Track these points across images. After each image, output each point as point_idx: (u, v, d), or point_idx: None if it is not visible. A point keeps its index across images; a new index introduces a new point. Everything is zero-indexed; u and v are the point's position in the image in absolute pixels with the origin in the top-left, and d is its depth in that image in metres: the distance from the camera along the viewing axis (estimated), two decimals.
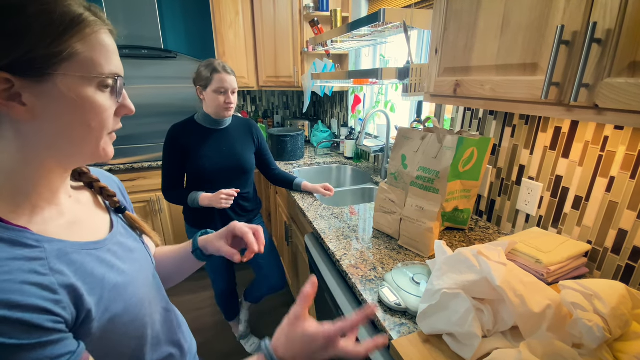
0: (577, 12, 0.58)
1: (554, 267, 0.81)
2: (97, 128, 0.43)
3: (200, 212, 1.47)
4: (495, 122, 1.18)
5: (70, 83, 0.39)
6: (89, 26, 0.40)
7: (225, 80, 1.34)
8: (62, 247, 0.42)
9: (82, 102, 0.40)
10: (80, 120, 0.41)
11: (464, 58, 0.85)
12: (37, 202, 0.43)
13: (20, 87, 0.37)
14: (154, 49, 2.12)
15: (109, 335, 0.45)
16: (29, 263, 0.38)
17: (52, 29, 0.37)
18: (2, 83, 0.36)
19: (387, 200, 1.15)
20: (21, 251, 0.38)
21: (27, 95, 0.37)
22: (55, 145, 0.42)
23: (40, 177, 0.43)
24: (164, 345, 0.57)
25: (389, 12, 1.19)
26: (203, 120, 1.43)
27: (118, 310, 0.45)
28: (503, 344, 0.61)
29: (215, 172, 1.42)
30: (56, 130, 0.40)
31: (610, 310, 0.55)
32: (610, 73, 0.54)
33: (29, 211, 0.42)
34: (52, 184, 0.45)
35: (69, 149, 0.43)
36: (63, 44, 0.38)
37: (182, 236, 2.40)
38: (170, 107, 2.21)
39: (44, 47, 0.37)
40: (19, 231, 0.39)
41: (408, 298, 0.78)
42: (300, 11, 2.13)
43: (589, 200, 0.90)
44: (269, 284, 1.69)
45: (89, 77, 0.40)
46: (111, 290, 0.45)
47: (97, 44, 0.41)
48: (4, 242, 0.37)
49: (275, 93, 2.99)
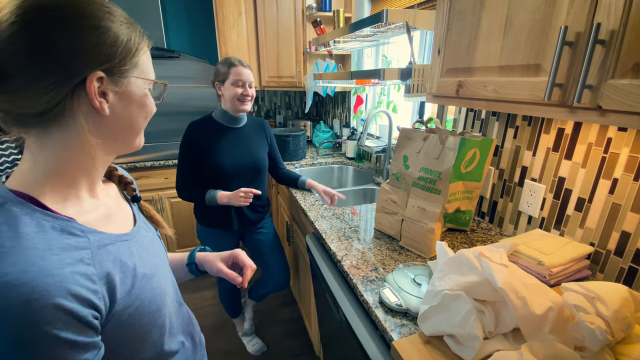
0: (581, 12, 0.57)
1: (556, 269, 0.80)
2: (145, 122, 0.52)
3: (216, 211, 1.48)
4: (497, 123, 1.18)
5: (137, 85, 0.48)
6: (145, 41, 0.49)
7: (242, 72, 1.37)
8: (101, 238, 0.45)
9: (143, 101, 0.49)
10: (140, 115, 0.50)
11: (467, 59, 0.85)
12: (81, 193, 0.47)
13: (107, 86, 0.44)
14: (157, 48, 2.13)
15: (136, 324, 0.47)
16: (77, 252, 0.40)
17: (134, 43, 0.46)
18: (98, 81, 0.42)
19: (388, 200, 1.15)
20: (69, 240, 0.41)
21: (111, 93, 0.45)
22: (116, 136, 0.48)
23: (88, 167, 0.47)
24: (179, 335, 0.59)
25: (391, 12, 1.19)
26: (221, 117, 1.44)
27: (146, 300, 0.48)
28: (504, 346, 0.61)
29: (233, 170, 1.43)
30: (122, 124, 0.48)
31: (612, 312, 0.55)
32: (614, 74, 0.54)
33: (75, 203, 0.45)
34: (96, 175, 0.49)
35: (124, 140, 0.50)
36: (137, 55, 0.47)
37: (184, 236, 2.41)
38: (173, 107, 2.22)
39: (131, 56, 0.46)
40: (67, 221, 0.42)
41: (409, 299, 0.78)
42: (303, 11, 2.13)
43: (592, 202, 0.89)
44: (274, 282, 1.69)
45: (147, 81, 0.49)
46: (141, 280, 0.48)
47: (148, 56, 0.50)
48: (55, 230, 0.40)
49: (278, 93, 2.99)
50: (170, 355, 0.56)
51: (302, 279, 1.75)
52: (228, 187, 1.42)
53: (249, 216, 1.54)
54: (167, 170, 2.25)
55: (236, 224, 1.52)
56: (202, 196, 1.40)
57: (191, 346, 0.63)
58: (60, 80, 0.40)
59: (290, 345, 1.87)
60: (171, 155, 2.27)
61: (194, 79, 2.22)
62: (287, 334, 1.94)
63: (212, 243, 1.57)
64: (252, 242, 1.65)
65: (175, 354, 0.57)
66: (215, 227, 1.53)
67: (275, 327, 1.99)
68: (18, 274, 0.34)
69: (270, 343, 1.87)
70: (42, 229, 0.39)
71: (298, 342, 1.88)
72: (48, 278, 0.35)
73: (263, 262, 1.68)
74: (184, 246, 2.44)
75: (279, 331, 1.96)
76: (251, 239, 1.64)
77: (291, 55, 2.28)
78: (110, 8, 0.44)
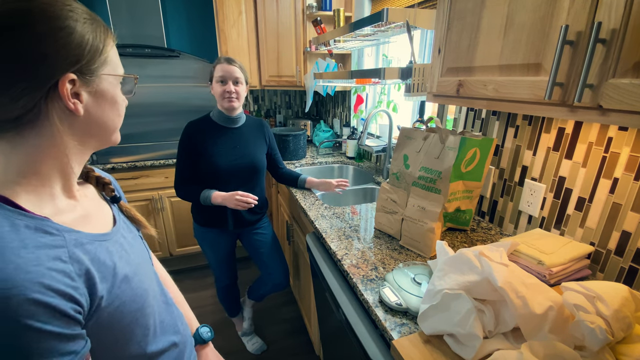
0: (582, 12, 0.57)
1: (556, 268, 0.80)
2: (121, 117, 0.52)
3: (212, 212, 1.47)
4: (498, 123, 1.17)
5: (108, 83, 0.48)
6: (110, 35, 0.48)
7: (224, 69, 1.35)
8: (78, 237, 0.45)
9: (114, 98, 0.49)
10: (113, 112, 0.50)
11: (467, 58, 0.85)
12: (56, 193, 0.46)
13: (80, 87, 0.44)
14: (157, 48, 2.12)
15: (118, 324, 0.47)
16: (52, 250, 0.40)
17: (101, 38, 0.46)
18: (70, 83, 0.42)
19: (388, 200, 1.15)
20: (44, 239, 0.40)
21: (84, 94, 0.45)
22: (91, 134, 0.48)
23: (63, 167, 0.46)
24: (166, 335, 0.59)
25: (392, 11, 1.19)
26: (217, 117, 1.44)
27: (126, 299, 0.48)
28: (504, 345, 0.61)
29: (229, 170, 1.42)
30: (97, 122, 0.48)
31: (612, 312, 0.55)
32: (614, 73, 0.53)
33: (50, 203, 0.45)
34: (71, 174, 0.48)
35: (100, 137, 0.50)
36: (105, 52, 0.46)
37: (184, 235, 2.41)
38: (173, 106, 2.22)
39: (99, 54, 0.45)
40: (41, 220, 0.41)
41: (409, 298, 0.78)
42: (303, 11, 2.13)
43: (592, 202, 0.89)
44: (273, 282, 1.69)
45: (117, 77, 0.49)
46: (121, 279, 0.48)
47: (115, 50, 0.50)
48: (30, 229, 0.40)
49: (278, 92, 2.99)
50: (157, 355, 0.55)
51: (302, 278, 1.75)
52: (224, 188, 1.42)
53: (245, 217, 1.53)
54: (167, 170, 2.25)
55: (232, 224, 1.52)
56: (197, 196, 1.40)
57: (179, 347, 0.62)
58: (32, 86, 0.40)
59: (290, 344, 1.87)
60: (171, 155, 2.26)
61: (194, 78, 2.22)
62: (287, 333, 1.94)
63: (208, 242, 1.57)
64: (250, 242, 1.64)
65: (162, 354, 0.57)
66: (211, 226, 1.53)
67: (275, 326, 1.99)
68: None
69: (270, 342, 1.87)
70: (15, 228, 0.39)
71: (298, 341, 1.89)
72: (24, 274, 0.36)
73: (261, 263, 1.67)
74: (184, 246, 2.45)
75: (279, 330, 1.96)
76: (249, 239, 1.64)
77: (291, 55, 2.28)
78: (72, 5, 0.43)
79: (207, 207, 1.45)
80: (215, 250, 1.60)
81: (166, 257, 2.43)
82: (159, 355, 0.56)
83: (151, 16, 2.17)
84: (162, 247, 2.39)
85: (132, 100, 0.55)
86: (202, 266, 2.58)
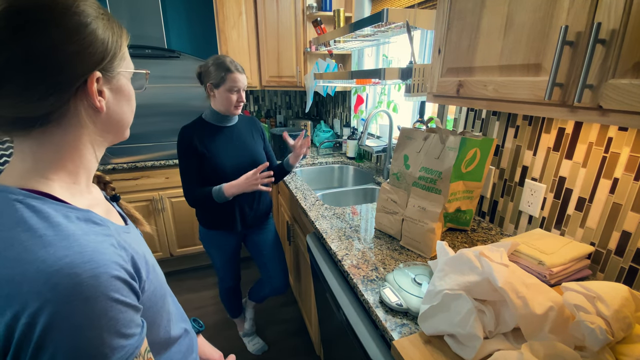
0: (582, 12, 0.57)
1: (556, 268, 0.80)
2: (133, 114, 0.53)
3: (219, 214, 1.47)
4: (498, 123, 1.17)
5: (125, 79, 0.49)
6: (124, 31, 0.49)
7: (239, 79, 1.35)
8: (116, 228, 0.46)
9: (130, 94, 0.50)
10: (129, 108, 0.51)
11: (467, 58, 0.85)
12: (83, 189, 0.48)
13: (103, 85, 0.45)
14: (157, 48, 2.13)
15: (153, 307, 0.50)
16: (107, 238, 0.42)
17: (119, 33, 0.46)
18: (95, 81, 0.43)
19: (389, 200, 1.15)
20: (96, 228, 0.42)
21: (106, 91, 0.46)
22: (110, 130, 0.49)
23: (89, 162, 0.48)
24: (179, 322, 0.62)
25: (392, 12, 1.19)
26: (212, 118, 1.43)
27: (157, 285, 0.51)
28: (505, 346, 0.61)
29: (233, 169, 1.42)
30: (116, 118, 0.48)
31: (613, 312, 0.55)
32: (614, 74, 0.54)
33: (81, 197, 0.46)
34: (92, 170, 0.50)
35: (116, 133, 0.51)
36: (123, 48, 0.47)
37: (185, 236, 2.41)
38: (174, 107, 2.22)
39: (119, 49, 0.46)
40: (86, 211, 0.43)
41: (409, 298, 0.78)
42: (303, 11, 2.13)
43: (593, 202, 0.89)
44: (271, 285, 1.69)
45: (130, 73, 0.50)
46: (151, 267, 0.50)
47: (127, 48, 0.50)
48: (80, 221, 0.41)
49: (278, 93, 2.99)
50: (175, 340, 0.58)
51: (303, 278, 1.75)
52: None
53: (252, 216, 1.53)
54: (167, 170, 2.25)
55: (239, 225, 1.51)
56: (210, 196, 1.37)
57: (191, 333, 0.66)
58: (61, 83, 0.40)
59: (290, 344, 1.87)
60: (172, 155, 2.27)
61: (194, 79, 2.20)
62: (288, 334, 1.94)
63: (215, 245, 1.57)
64: (253, 243, 1.64)
65: (179, 339, 0.59)
66: (218, 229, 1.52)
67: (276, 326, 1.99)
68: (77, 254, 0.37)
69: (271, 343, 1.87)
70: (70, 220, 0.40)
71: (299, 341, 1.89)
72: (102, 255, 0.38)
73: (262, 265, 1.67)
74: (185, 246, 2.45)
75: (279, 331, 1.96)
76: (252, 240, 1.64)
77: (291, 55, 2.28)
78: (89, 1, 0.43)
79: (215, 210, 1.44)
80: (222, 252, 1.59)
81: (167, 257, 2.43)
82: (177, 340, 0.59)
83: (151, 17, 2.17)
84: (163, 247, 2.39)
85: None
86: (202, 267, 2.58)
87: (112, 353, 0.37)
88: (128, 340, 0.39)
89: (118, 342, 0.38)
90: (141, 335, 0.41)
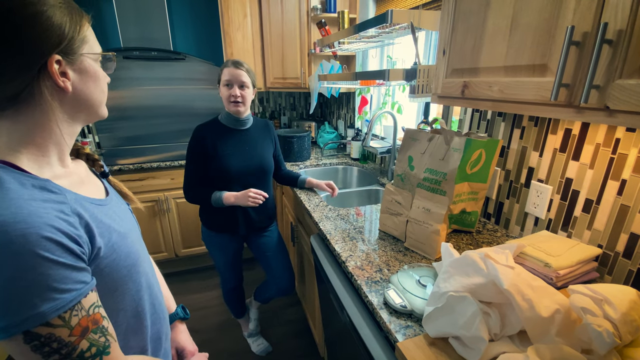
0: (588, 12, 0.57)
1: (563, 271, 0.79)
2: (104, 93, 0.57)
3: (222, 215, 1.48)
4: (503, 124, 1.17)
5: (89, 61, 0.52)
6: (85, 15, 0.53)
7: (231, 73, 1.36)
8: (77, 197, 0.50)
9: (97, 74, 0.54)
10: (97, 88, 0.55)
11: (472, 59, 0.84)
12: (53, 162, 0.52)
13: (66, 66, 0.49)
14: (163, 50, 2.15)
15: (115, 274, 0.54)
16: (57, 205, 0.46)
17: (77, 19, 0.50)
18: (57, 63, 0.47)
19: (393, 201, 1.14)
20: (49, 195, 0.46)
21: (70, 72, 0.50)
22: (79, 109, 0.53)
23: (57, 138, 0.52)
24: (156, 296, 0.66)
25: (396, 13, 1.19)
26: (226, 120, 1.45)
27: (122, 254, 0.54)
28: (510, 348, 0.61)
29: (239, 172, 1.43)
30: (83, 98, 0.53)
31: (620, 315, 0.54)
32: (621, 74, 0.53)
33: (48, 169, 0.51)
34: (64, 145, 0.54)
35: (87, 111, 0.55)
36: (82, 31, 0.51)
37: (190, 236, 2.42)
38: (179, 108, 2.24)
39: (77, 33, 0.50)
40: (44, 180, 0.47)
41: (414, 300, 0.78)
42: (308, 13, 2.13)
43: (600, 204, 0.88)
44: (277, 286, 1.69)
45: (96, 55, 0.54)
46: (117, 236, 0.54)
47: (91, 30, 0.54)
48: (35, 188, 0.46)
49: (282, 94, 3.00)
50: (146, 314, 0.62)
51: (307, 279, 1.75)
52: (234, 189, 1.43)
53: (256, 220, 1.54)
54: (173, 171, 2.26)
55: (243, 228, 1.52)
56: (208, 197, 1.40)
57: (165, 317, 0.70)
58: (23, 67, 0.45)
59: (294, 345, 1.87)
60: (177, 156, 2.28)
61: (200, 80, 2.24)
62: (292, 335, 1.94)
63: (217, 246, 1.58)
64: (257, 245, 1.65)
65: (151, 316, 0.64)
66: (221, 231, 1.53)
67: (280, 327, 2.00)
68: (11, 215, 0.41)
69: (275, 343, 1.88)
70: (23, 186, 0.45)
71: (302, 342, 1.89)
72: (37, 218, 0.42)
73: (267, 266, 1.68)
74: (190, 246, 2.46)
75: (283, 332, 1.96)
76: (256, 242, 1.64)
77: (296, 57, 2.28)
78: None
79: (218, 212, 1.46)
80: (224, 254, 1.60)
81: (172, 258, 2.45)
82: (147, 315, 0.62)
83: (157, 19, 2.19)
84: (168, 248, 2.41)
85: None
86: (207, 267, 2.59)
87: (41, 303, 0.41)
88: (62, 294, 0.43)
89: (49, 295, 0.41)
90: (81, 292, 0.45)
